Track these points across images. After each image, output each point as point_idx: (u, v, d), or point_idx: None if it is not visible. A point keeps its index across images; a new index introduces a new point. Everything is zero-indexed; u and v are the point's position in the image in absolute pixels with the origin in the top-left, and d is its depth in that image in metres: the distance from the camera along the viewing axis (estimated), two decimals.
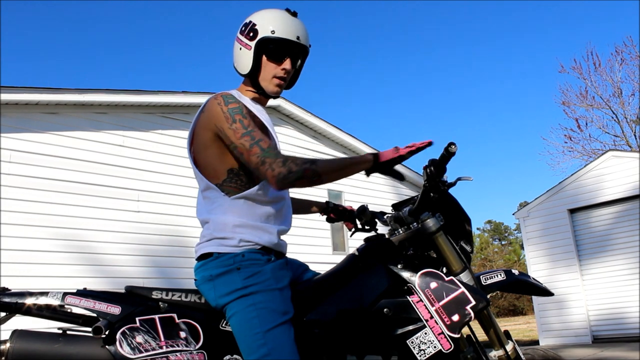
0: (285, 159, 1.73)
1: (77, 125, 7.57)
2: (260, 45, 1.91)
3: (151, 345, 1.72)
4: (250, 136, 1.76)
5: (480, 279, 2.09)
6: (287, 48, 1.93)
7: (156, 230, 7.92)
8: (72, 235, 7.12)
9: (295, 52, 1.96)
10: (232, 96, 1.86)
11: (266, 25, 1.91)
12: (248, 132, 1.77)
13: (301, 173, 1.72)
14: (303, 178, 1.73)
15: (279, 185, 1.73)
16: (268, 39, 1.91)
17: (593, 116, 23.06)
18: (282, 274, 1.84)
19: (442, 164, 1.90)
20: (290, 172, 1.71)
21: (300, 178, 1.73)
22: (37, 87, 7.14)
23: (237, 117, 1.78)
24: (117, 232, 7.55)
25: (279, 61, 1.93)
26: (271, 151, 1.74)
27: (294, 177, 1.72)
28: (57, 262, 6.91)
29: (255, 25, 1.93)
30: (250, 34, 1.93)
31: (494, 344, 2.05)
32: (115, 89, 7.87)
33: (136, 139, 8.14)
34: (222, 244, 1.82)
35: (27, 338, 1.70)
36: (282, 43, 1.92)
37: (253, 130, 1.77)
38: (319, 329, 1.84)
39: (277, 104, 9.79)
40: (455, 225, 2.06)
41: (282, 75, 1.94)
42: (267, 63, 1.94)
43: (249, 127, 1.77)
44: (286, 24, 1.92)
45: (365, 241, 2.06)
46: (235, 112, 1.80)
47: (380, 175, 2.47)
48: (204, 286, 1.83)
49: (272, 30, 1.90)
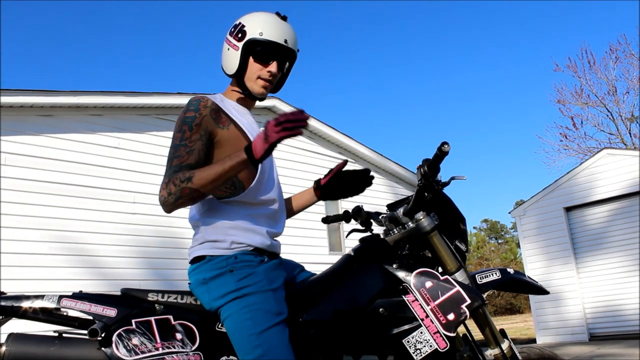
0: (168, 180, 1.72)
1: (72, 128, 7.56)
2: (247, 47, 1.92)
3: (147, 347, 1.72)
4: (174, 149, 1.79)
5: (476, 278, 2.10)
6: (274, 51, 1.94)
7: (152, 232, 7.90)
8: (67, 238, 7.11)
9: (283, 55, 1.96)
10: (198, 103, 1.85)
11: (255, 27, 1.92)
12: (176, 145, 1.79)
13: (179, 193, 1.71)
14: (182, 197, 1.71)
15: (163, 209, 1.75)
16: (255, 41, 1.92)
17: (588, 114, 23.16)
18: (275, 274, 1.85)
19: (436, 164, 1.91)
20: (170, 194, 1.71)
21: (179, 198, 1.71)
22: (32, 89, 7.11)
23: (184, 127, 1.81)
24: (113, 234, 7.53)
25: (265, 63, 1.94)
26: (170, 170, 1.75)
27: (172, 199, 1.71)
28: (53, 265, 6.89)
29: (244, 27, 1.94)
30: (239, 35, 1.94)
31: (489, 342, 2.06)
32: (109, 91, 7.85)
33: (131, 140, 8.12)
34: (214, 246, 1.83)
35: (23, 341, 1.70)
36: (270, 45, 1.92)
37: (182, 145, 1.78)
38: (315, 330, 1.85)
39: (272, 104, 9.79)
40: (450, 225, 2.07)
41: (267, 77, 1.95)
42: (253, 64, 1.94)
43: (184, 140, 1.79)
44: (274, 27, 1.93)
45: (360, 241, 2.07)
46: (186, 120, 1.82)
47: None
48: (198, 289, 1.84)
49: (260, 32, 1.91)
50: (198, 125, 1.81)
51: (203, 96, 1.90)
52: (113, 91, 7.88)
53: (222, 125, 1.87)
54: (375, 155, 11.53)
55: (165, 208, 1.75)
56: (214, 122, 1.85)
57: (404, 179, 12.20)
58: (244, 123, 1.94)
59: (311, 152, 10.42)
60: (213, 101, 1.89)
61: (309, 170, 9.98)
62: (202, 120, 1.82)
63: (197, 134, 1.80)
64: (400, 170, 11.99)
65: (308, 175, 9.86)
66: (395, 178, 12.11)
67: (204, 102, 1.86)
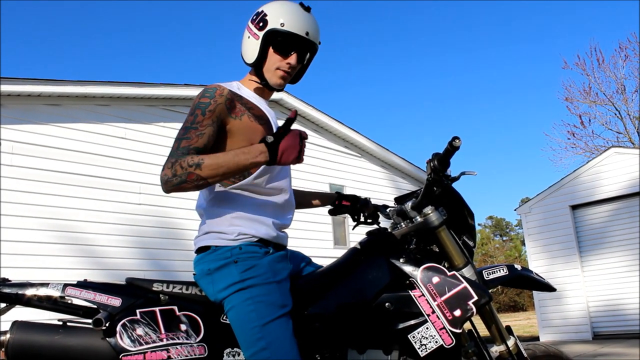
0: (175, 161, 1.66)
1: (79, 117, 7.57)
2: (268, 37, 1.89)
3: (151, 338, 1.71)
4: (184, 130, 1.75)
5: (483, 274, 2.08)
6: (295, 43, 1.90)
7: (158, 223, 7.92)
8: (74, 227, 7.13)
9: (303, 47, 1.93)
10: (215, 91, 1.83)
11: (277, 17, 1.89)
12: (187, 127, 1.75)
13: (185, 177, 1.64)
14: (187, 182, 1.65)
15: (162, 187, 1.68)
16: (276, 31, 1.88)
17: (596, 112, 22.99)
18: (280, 266, 1.83)
19: (446, 158, 1.89)
20: (175, 175, 1.65)
21: (184, 182, 1.65)
22: (40, 78, 7.14)
23: (197, 111, 1.78)
24: (119, 225, 7.55)
25: (285, 55, 1.91)
26: (177, 151, 1.70)
27: (177, 181, 1.65)
28: (58, 254, 6.92)
29: (266, 16, 1.91)
30: (260, 23, 1.91)
31: (495, 339, 2.05)
32: (117, 81, 7.86)
33: (138, 131, 8.13)
34: (219, 237, 1.82)
35: (27, 329, 1.70)
36: (290, 37, 1.89)
37: (193, 128, 1.74)
38: (320, 323, 1.84)
39: (279, 97, 9.77)
40: (458, 220, 2.05)
41: (286, 69, 1.92)
42: (272, 55, 1.91)
43: (195, 124, 1.75)
44: (297, 18, 1.89)
45: (367, 235, 2.05)
46: (200, 105, 1.79)
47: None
48: (202, 280, 1.83)
49: (281, 23, 1.88)
50: (212, 111, 1.79)
51: (220, 85, 1.87)
52: (121, 81, 7.89)
53: (235, 115, 1.84)
54: (380, 149, 11.50)
55: (165, 187, 1.68)
56: (228, 112, 1.83)
57: (410, 174, 12.18)
58: (266, 110, 1.93)
59: (317, 145, 10.39)
60: (229, 90, 1.86)
61: (314, 163, 9.96)
62: (216, 108, 1.80)
63: (209, 120, 1.78)
64: (405, 165, 11.96)
65: (313, 169, 9.86)
66: (401, 173, 12.09)
67: (220, 90, 1.84)
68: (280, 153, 1.68)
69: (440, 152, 1.90)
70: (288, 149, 1.68)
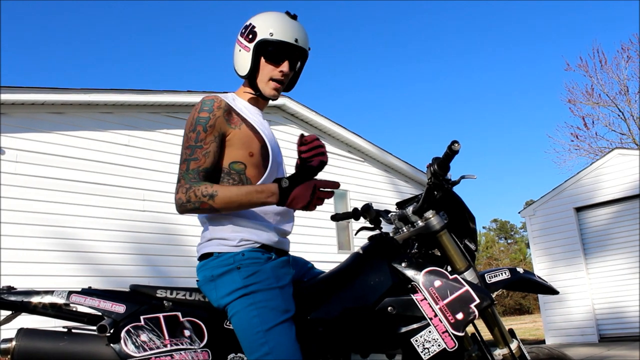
0: (189, 187, 1.77)
1: (82, 125, 7.60)
2: (258, 48, 1.93)
3: (155, 344, 1.73)
4: (191, 150, 1.82)
5: (485, 277, 2.09)
6: (286, 50, 1.94)
7: (161, 230, 7.93)
8: (78, 235, 7.15)
9: (294, 54, 1.96)
10: (212, 104, 1.87)
11: (265, 27, 1.92)
12: (192, 146, 1.82)
13: (198, 205, 1.76)
14: (200, 210, 1.78)
15: (177, 209, 1.80)
16: (266, 41, 1.92)
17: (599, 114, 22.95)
18: (283, 272, 1.85)
19: (446, 162, 1.90)
20: (189, 201, 1.76)
21: (197, 209, 1.78)
22: (43, 87, 7.17)
23: (198, 128, 1.83)
24: (122, 232, 7.56)
25: (277, 63, 1.94)
26: (190, 174, 1.79)
27: (191, 207, 1.77)
28: (62, 262, 6.94)
29: (254, 28, 1.94)
30: (250, 36, 1.95)
31: (498, 342, 2.05)
32: (120, 89, 7.89)
33: (141, 138, 8.15)
34: (221, 243, 1.84)
35: (32, 336, 1.71)
36: (281, 45, 1.92)
37: (198, 147, 1.81)
38: (323, 328, 1.85)
39: (282, 102, 9.79)
40: (460, 224, 2.06)
41: (279, 77, 1.96)
42: (265, 65, 1.95)
43: (198, 142, 1.82)
44: (285, 27, 1.93)
45: (369, 239, 2.06)
46: (199, 121, 1.84)
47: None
48: (206, 286, 1.84)
49: (270, 33, 1.91)
50: (212, 127, 1.84)
51: (216, 96, 1.91)
52: (123, 89, 7.91)
53: (234, 125, 1.89)
54: (383, 154, 11.50)
55: (179, 210, 1.79)
56: (227, 123, 1.87)
57: (412, 178, 12.17)
58: (257, 122, 1.95)
59: None
60: (226, 102, 1.91)
61: None
62: (215, 122, 1.84)
63: (211, 136, 1.83)
64: (408, 169, 11.96)
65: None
66: (404, 177, 12.09)
67: (217, 102, 1.88)
68: (290, 199, 1.79)
69: (440, 157, 1.91)
70: (298, 197, 1.79)
